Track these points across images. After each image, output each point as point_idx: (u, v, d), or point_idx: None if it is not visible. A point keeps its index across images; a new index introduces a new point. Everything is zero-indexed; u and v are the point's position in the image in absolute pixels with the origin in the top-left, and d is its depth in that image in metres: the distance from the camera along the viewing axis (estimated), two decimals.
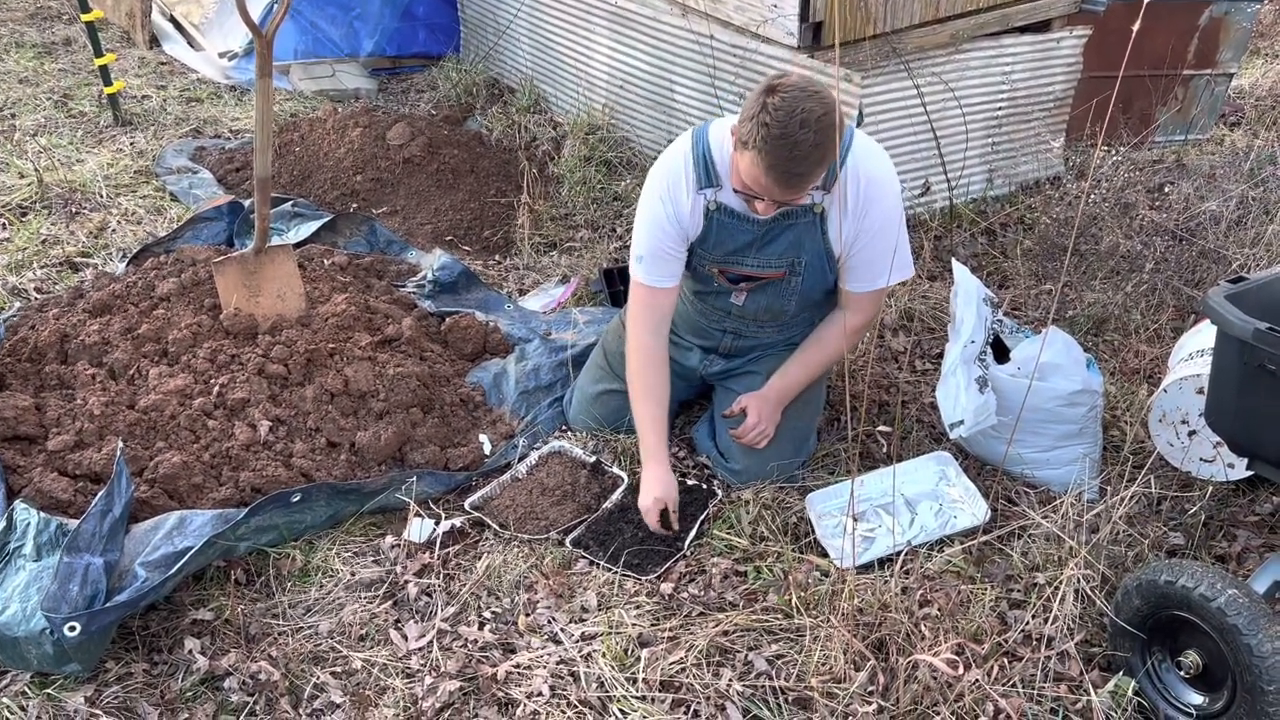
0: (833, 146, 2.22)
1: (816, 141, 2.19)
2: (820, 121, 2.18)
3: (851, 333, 2.75)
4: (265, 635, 2.32)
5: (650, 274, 2.63)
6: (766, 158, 2.23)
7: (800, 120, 2.17)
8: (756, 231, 2.58)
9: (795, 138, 2.18)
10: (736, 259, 2.65)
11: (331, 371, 2.94)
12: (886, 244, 2.54)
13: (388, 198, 4.46)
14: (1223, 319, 2.03)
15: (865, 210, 2.50)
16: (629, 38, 4.60)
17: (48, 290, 3.64)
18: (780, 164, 2.23)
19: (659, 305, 2.67)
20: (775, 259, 2.62)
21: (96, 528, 2.25)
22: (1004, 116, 4.28)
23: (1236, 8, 4.68)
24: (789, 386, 2.76)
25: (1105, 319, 3.48)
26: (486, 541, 2.61)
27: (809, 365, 2.77)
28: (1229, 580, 1.97)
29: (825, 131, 2.18)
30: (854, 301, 2.69)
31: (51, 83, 5.73)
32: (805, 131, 2.17)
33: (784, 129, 2.17)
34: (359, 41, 6.02)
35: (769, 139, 2.20)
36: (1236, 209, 3.98)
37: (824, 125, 2.18)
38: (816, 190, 2.46)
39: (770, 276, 2.67)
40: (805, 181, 2.30)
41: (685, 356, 2.95)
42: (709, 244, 2.62)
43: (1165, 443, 2.75)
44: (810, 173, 2.27)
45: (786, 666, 2.21)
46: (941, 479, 2.76)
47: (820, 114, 2.18)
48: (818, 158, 2.23)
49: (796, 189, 2.32)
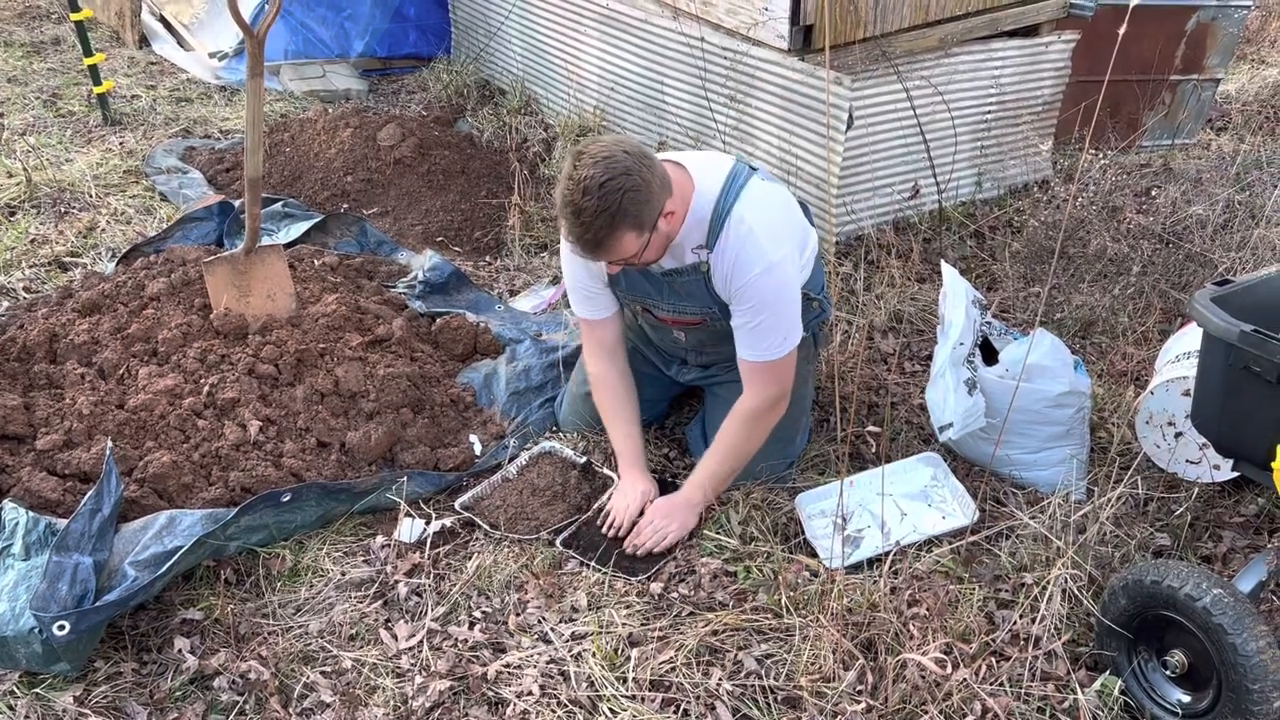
0: (623, 209, 2.19)
1: (601, 207, 2.17)
2: (605, 187, 2.16)
3: (750, 419, 2.59)
4: (255, 635, 2.32)
5: (582, 309, 2.73)
6: (564, 226, 2.29)
7: (583, 188, 2.17)
8: (656, 283, 2.58)
9: (578, 204, 2.19)
10: (651, 304, 2.68)
11: (322, 372, 2.94)
12: (755, 312, 2.46)
13: (378, 198, 4.45)
14: (1208, 321, 2.06)
15: (730, 275, 2.44)
16: (620, 40, 4.61)
17: (37, 290, 3.63)
18: (572, 230, 2.25)
19: (603, 335, 2.75)
20: (688, 310, 2.62)
21: (86, 527, 2.25)
22: (993, 120, 4.31)
23: (1224, 13, 4.72)
24: (704, 484, 2.63)
25: (1093, 321, 3.50)
26: (477, 542, 2.61)
27: (720, 463, 2.63)
28: (1214, 580, 1.99)
29: (610, 196, 2.17)
30: (746, 374, 2.57)
31: (40, 82, 5.71)
32: (587, 199, 2.17)
33: (569, 197, 2.20)
34: (350, 42, 6.02)
35: (560, 209, 2.25)
36: (1223, 213, 4.02)
37: (608, 190, 2.16)
38: (700, 249, 2.45)
39: (689, 323, 2.69)
40: (606, 245, 2.26)
41: (665, 363, 2.98)
42: (621, 288, 2.66)
43: (1152, 444, 2.77)
44: (606, 237, 2.23)
45: (776, 666, 2.22)
46: (931, 480, 2.77)
47: (604, 179, 2.16)
48: (605, 223, 2.20)
49: (602, 253, 2.29)
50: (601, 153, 2.21)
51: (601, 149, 2.22)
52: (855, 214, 4.01)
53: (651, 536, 2.56)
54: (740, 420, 2.60)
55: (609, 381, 2.77)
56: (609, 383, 2.77)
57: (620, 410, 2.76)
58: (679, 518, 2.59)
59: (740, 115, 4.08)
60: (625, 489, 2.68)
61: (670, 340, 2.86)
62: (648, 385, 2.96)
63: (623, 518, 2.61)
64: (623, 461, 2.74)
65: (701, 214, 2.43)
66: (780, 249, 2.44)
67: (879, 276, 3.75)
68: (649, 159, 2.27)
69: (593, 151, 2.22)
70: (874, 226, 4.06)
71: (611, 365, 2.77)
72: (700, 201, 2.43)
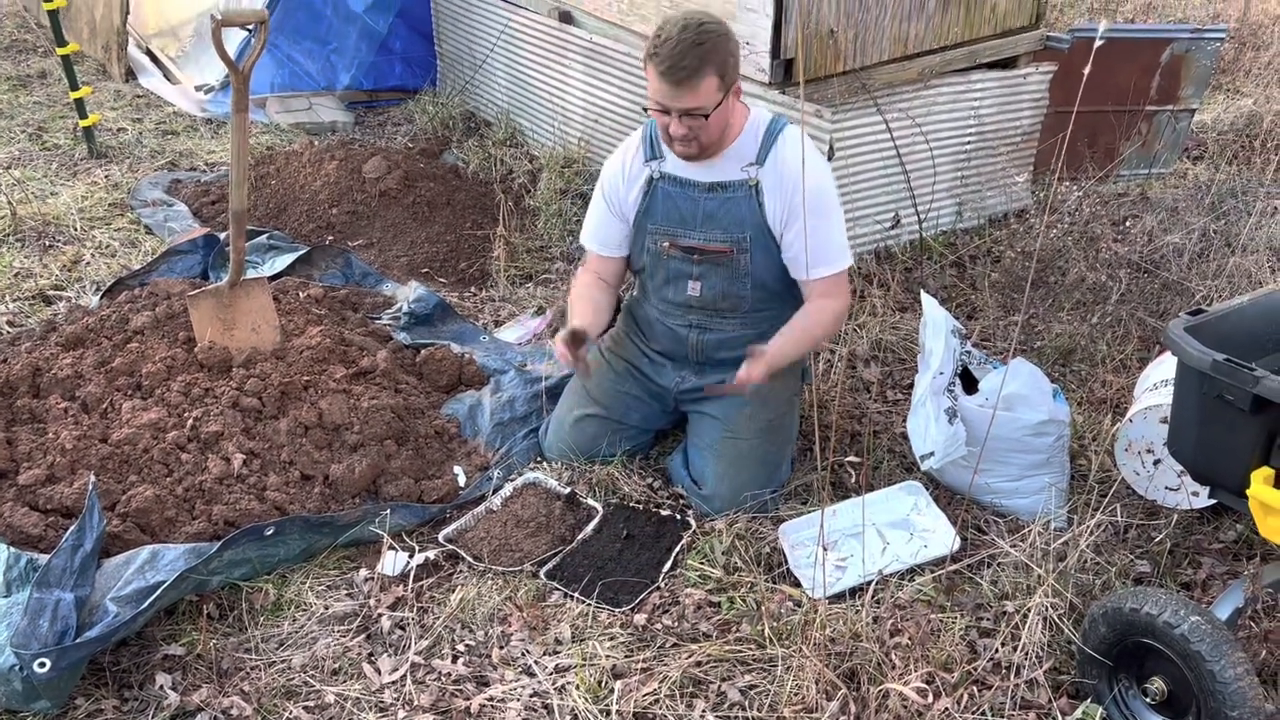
0: (715, 49, 2.47)
1: (697, 40, 2.45)
2: (703, 26, 2.47)
3: (831, 311, 2.77)
4: (238, 670, 2.31)
5: (594, 241, 2.93)
6: (653, 60, 2.50)
7: (682, 25, 2.47)
8: (697, 200, 2.76)
9: (676, 37, 2.45)
10: (682, 230, 2.80)
11: (306, 404, 2.95)
12: (820, 219, 2.65)
13: (364, 230, 4.47)
14: (1182, 350, 2.08)
15: (794, 184, 2.65)
16: (604, 73, 4.66)
17: (20, 323, 3.63)
18: (663, 60, 2.47)
19: (602, 269, 2.95)
20: (719, 233, 2.76)
21: (67, 563, 2.25)
22: (972, 151, 4.36)
23: (1198, 45, 4.80)
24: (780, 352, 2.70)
25: (1072, 349, 3.53)
26: (461, 574, 2.61)
27: (796, 337, 2.75)
28: (1192, 607, 2.01)
29: (706, 32, 2.46)
30: (817, 290, 2.76)
31: (26, 115, 5.73)
32: (686, 32, 2.45)
33: (669, 31, 2.48)
34: (336, 75, 6.06)
35: (655, 43, 2.49)
36: (1199, 241, 4.07)
37: (706, 30, 2.47)
38: (751, 166, 2.69)
39: (716, 250, 2.78)
40: (690, 80, 2.48)
41: (659, 374, 2.99)
42: (656, 214, 2.82)
43: (1131, 471, 2.79)
44: (694, 71, 2.46)
45: (759, 697, 2.22)
46: (913, 508, 2.79)
47: (702, 21, 2.48)
48: (698, 54, 2.45)
49: (685, 89, 2.49)
50: (698, 10, 2.56)
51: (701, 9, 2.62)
52: None
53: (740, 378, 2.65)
54: (819, 308, 2.76)
55: (592, 289, 2.90)
56: (592, 289, 2.90)
57: (592, 304, 2.85)
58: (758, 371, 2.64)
59: None
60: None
61: (680, 308, 2.89)
62: (635, 412, 2.98)
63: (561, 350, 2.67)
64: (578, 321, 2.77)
65: (755, 131, 2.71)
66: (826, 168, 2.78)
67: (860, 306, 3.78)
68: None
69: (688, 9, 2.57)
70: (855, 256, 4.10)
71: (601, 281, 2.93)
72: (753, 121, 2.72)
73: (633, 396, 2.97)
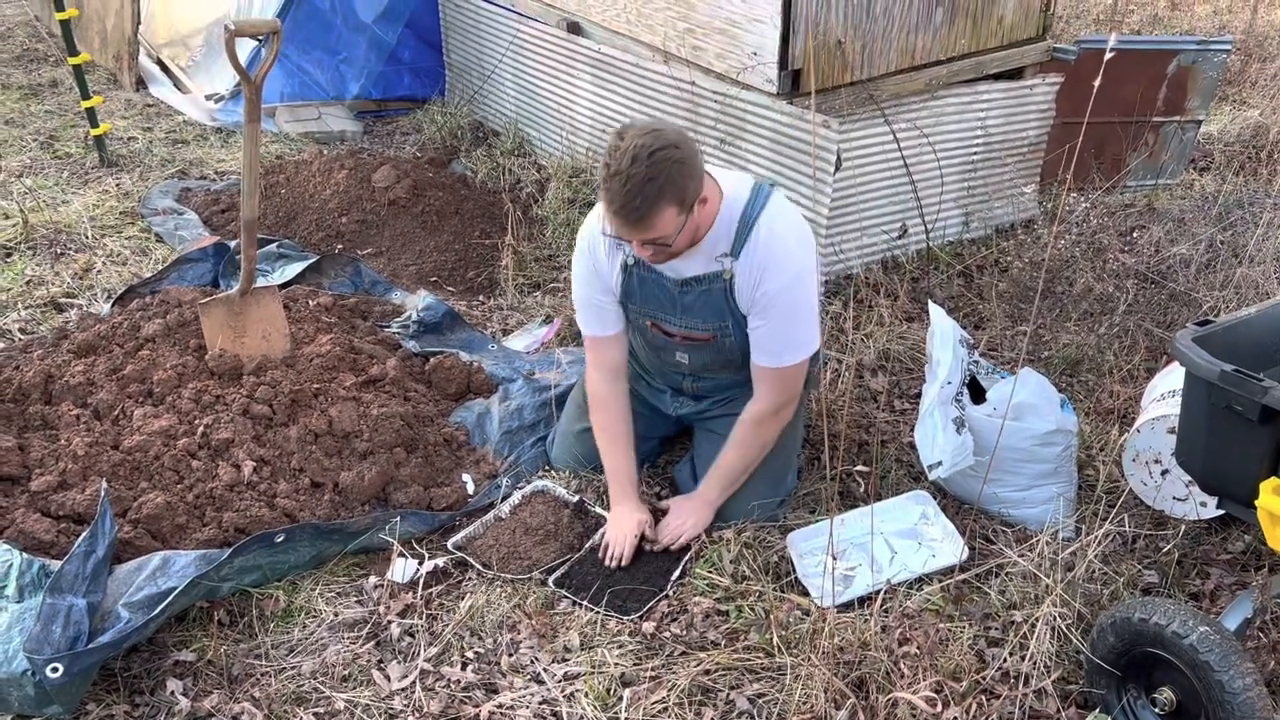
0: (670, 180, 2.24)
1: (648, 175, 2.21)
2: (654, 156, 2.21)
3: (758, 421, 2.66)
4: (248, 676, 2.32)
5: (588, 323, 2.75)
6: (605, 195, 2.30)
7: (631, 156, 2.21)
8: (672, 291, 2.61)
9: (625, 173, 2.22)
10: (662, 317, 2.69)
11: (316, 412, 2.96)
12: (782, 319, 2.52)
13: (373, 239, 4.49)
14: (1190, 361, 2.09)
15: (761, 278, 2.49)
16: (612, 83, 4.68)
17: (32, 331, 3.65)
18: (615, 199, 2.27)
19: (607, 354, 2.77)
20: (700, 323, 2.65)
21: (80, 569, 2.26)
22: (979, 161, 4.37)
23: (1204, 56, 4.81)
24: (720, 484, 2.71)
25: (1079, 360, 3.54)
26: (469, 581, 2.62)
27: (732, 465, 2.70)
28: (1200, 618, 2.01)
29: (657, 162, 2.21)
30: (758, 379, 2.64)
31: (38, 124, 5.76)
32: (636, 166, 2.21)
33: (617, 165, 2.23)
34: (345, 85, 6.10)
35: (605, 178, 2.27)
36: (1206, 252, 4.08)
37: (657, 160, 2.21)
38: (725, 257, 2.50)
39: (700, 339, 2.70)
40: (648, 219, 2.28)
41: (658, 398, 2.99)
42: (634, 299, 2.69)
43: (1139, 482, 2.80)
44: (648, 210, 2.26)
45: (768, 705, 2.22)
46: (921, 518, 2.79)
47: (654, 148, 2.22)
48: (651, 190, 2.23)
49: (641, 227, 2.31)
50: (650, 126, 2.29)
51: (649, 124, 2.31)
52: (844, 254, 4.06)
53: (668, 535, 2.64)
54: (751, 422, 2.66)
55: (611, 405, 2.78)
56: (610, 406, 2.78)
57: (618, 435, 2.77)
58: (695, 514, 2.67)
59: (731, 157, 4.14)
60: (620, 519, 2.69)
61: (672, 363, 2.86)
62: (640, 422, 2.97)
63: (622, 548, 2.63)
64: (616, 489, 2.75)
65: (729, 219, 2.49)
66: (806, 258, 2.53)
67: (868, 315, 3.79)
68: (691, 142, 2.34)
69: (640, 125, 2.29)
70: (862, 266, 4.11)
71: (614, 388, 2.78)
72: (727, 207, 2.48)
73: (635, 411, 2.93)
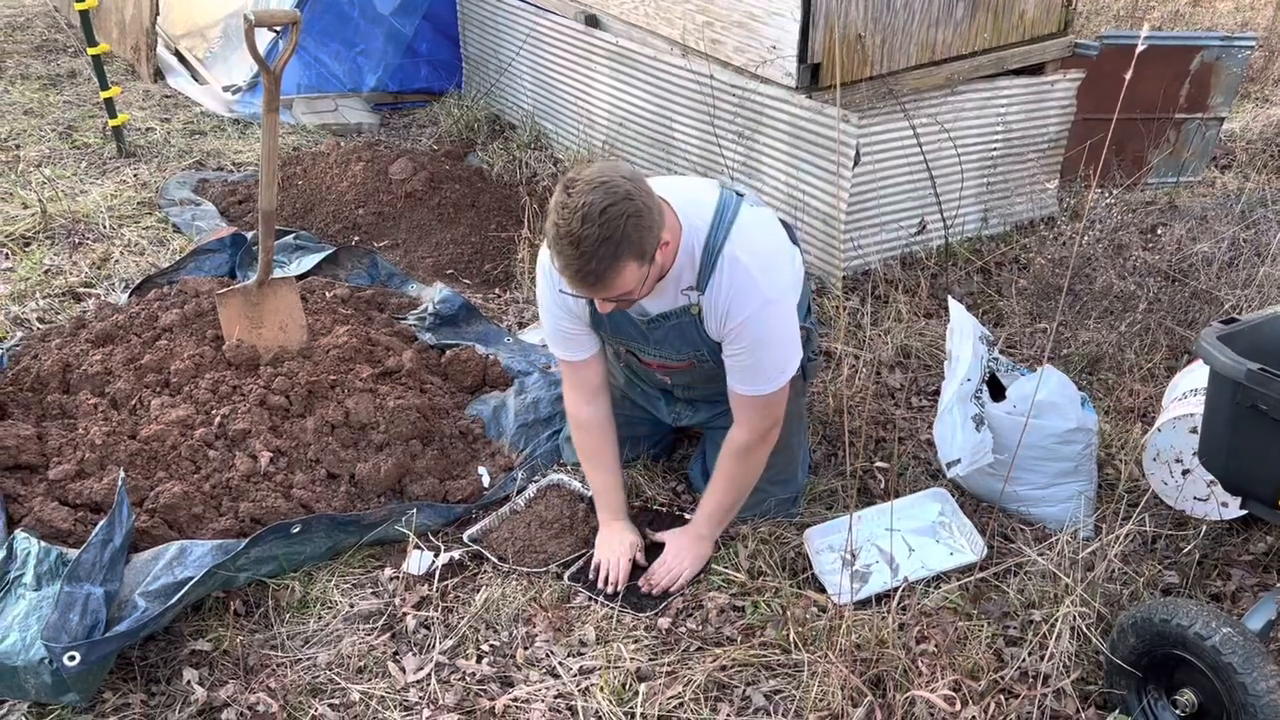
0: (626, 237, 2.06)
1: (603, 235, 2.03)
2: (605, 213, 2.02)
3: (743, 454, 2.53)
4: (264, 666, 2.32)
5: (562, 351, 2.60)
6: (558, 260, 2.11)
7: (583, 216, 2.02)
8: (641, 326, 2.49)
9: (578, 234, 2.03)
10: (636, 348, 2.60)
11: (332, 403, 2.96)
12: (756, 347, 2.39)
13: (389, 231, 4.49)
14: (1215, 360, 2.07)
15: (726, 315, 2.34)
16: (629, 76, 4.66)
17: (50, 320, 3.66)
18: (570, 264, 2.09)
19: (585, 377, 2.63)
20: (674, 354, 2.55)
21: (97, 557, 2.26)
22: (999, 157, 4.34)
23: (1227, 53, 4.77)
24: (711, 519, 2.62)
25: (1099, 358, 3.51)
26: (485, 574, 2.62)
27: (723, 498, 2.60)
28: (1224, 619, 1.99)
29: (613, 223, 2.03)
30: (737, 407, 2.50)
31: (56, 114, 5.79)
32: (588, 227, 2.02)
33: (567, 226, 2.04)
34: (362, 77, 6.10)
35: (555, 240, 2.08)
36: (1228, 250, 4.04)
37: (610, 216, 2.03)
38: (691, 290, 2.35)
39: (677, 366, 2.62)
40: (607, 279, 2.11)
41: (654, 405, 2.92)
42: (604, 329, 2.56)
43: (1160, 481, 2.77)
44: (608, 269, 2.08)
45: (784, 702, 2.21)
46: (939, 515, 2.77)
47: (605, 205, 2.02)
48: (608, 250, 2.05)
49: (601, 288, 2.14)
50: (598, 178, 2.06)
51: (596, 174, 2.08)
52: (862, 249, 4.03)
53: (666, 577, 2.56)
54: (734, 454, 2.55)
55: (590, 426, 2.66)
56: (590, 427, 2.66)
57: (600, 456, 2.67)
58: (691, 553, 2.59)
59: (748, 151, 4.12)
60: (610, 541, 2.63)
61: (656, 380, 2.80)
62: (642, 425, 2.95)
63: (616, 573, 2.57)
64: (604, 511, 2.68)
65: (690, 253, 2.32)
66: (776, 284, 2.37)
67: (886, 311, 3.77)
68: (644, 183, 2.15)
69: (587, 177, 2.07)
70: (881, 262, 4.09)
71: (594, 408, 2.65)
72: (689, 239, 2.31)
73: (634, 416, 2.91)
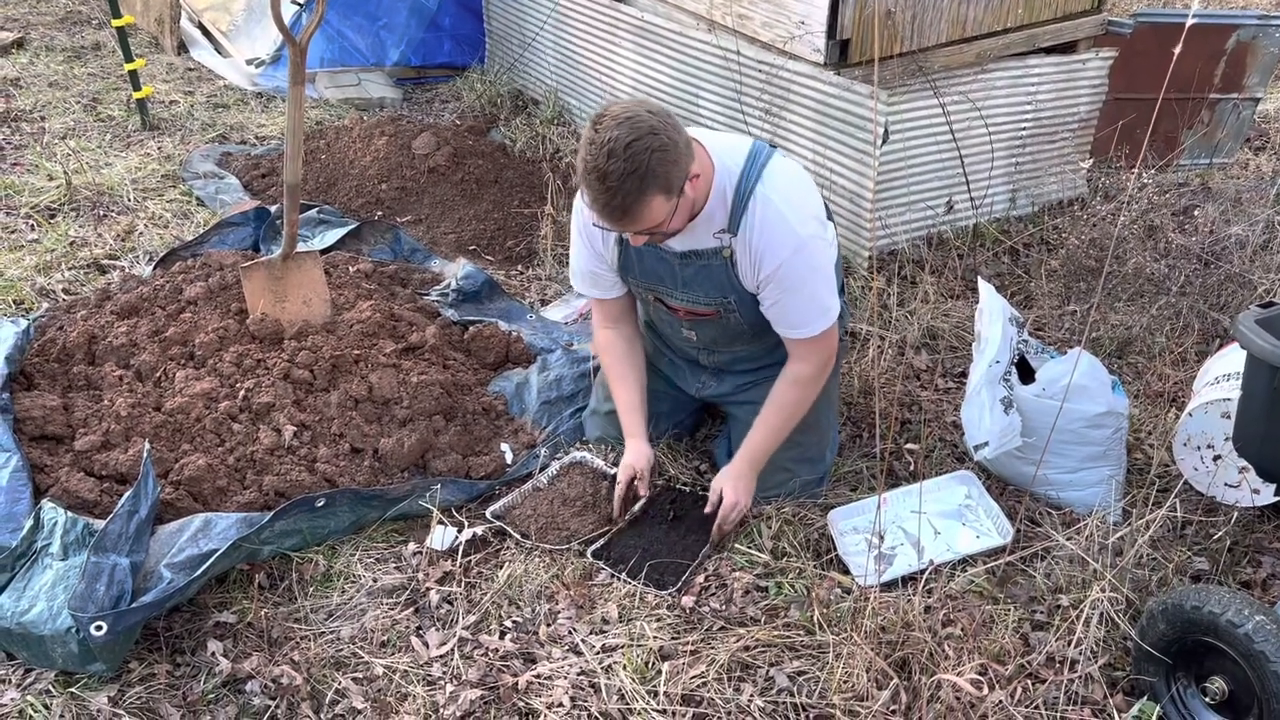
0: (651, 170, 2.09)
1: (628, 169, 2.07)
2: (630, 148, 2.06)
3: (800, 382, 2.57)
4: (287, 639, 2.33)
5: (588, 289, 2.72)
6: (587, 193, 2.17)
7: (608, 151, 2.07)
8: (672, 264, 2.51)
9: (604, 169, 2.08)
10: (664, 289, 2.60)
11: (356, 378, 2.96)
12: (791, 292, 2.42)
13: (412, 206, 4.48)
14: (1253, 344, 2.03)
15: (760, 259, 2.38)
16: (654, 52, 4.62)
17: (75, 292, 3.67)
18: (598, 198, 2.14)
19: (611, 308, 2.75)
20: (702, 298, 2.55)
21: (123, 528, 2.27)
22: (1028, 136, 4.28)
23: (1265, 32, 4.67)
24: (756, 454, 2.62)
25: (1130, 341, 3.46)
26: (508, 551, 2.61)
27: (772, 429, 2.60)
28: (1256, 606, 1.96)
29: (638, 157, 2.07)
30: (791, 349, 2.56)
31: (81, 86, 5.79)
32: (614, 161, 2.07)
33: (594, 161, 2.09)
34: (385, 51, 6.07)
35: (584, 175, 2.14)
36: (1263, 233, 3.97)
37: (635, 151, 2.07)
38: (723, 233, 2.39)
39: (703, 313, 2.62)
40: (634, 212, 2.15)
41: (679, 375, 2.92)
42: (633, 272, 2.60)
43: (1190, 467, 2.73)
44: (634, 203, 2.13)
45: (808, 683, 2.20)
46: (965, 498, 2.75)
47: (630, 139, 2.07)
48: (633, 184, 2.09)
49: (629, 221, 2.19)
50: (624, 113, 2.11)
51: (623, 109, 2.13)
52: (889, 228, 3.99)
53: (732, 512, 2.58)
54: (791, 381, 2.57)
55: (615, 347, 2.75)
56: (614, 347, 2.75)
57: (625, 375, 2.74)
58: (745, 486, 2.61)
59: (775, 128, 4.08)
60: (637, 454, 2.68)
61: (681, 339, 2.81)
62: (666, 401, 2.93)
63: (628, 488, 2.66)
64: (627, 424, 2.73)
65: (723, 194, 2.35)
66: (808, 225, 2.39)
67: (913, 292, 3.73)
68: (672, 118, 2.17)
69: (614, 113, 2.11)
70: (908, 241, 4.05)
71: (618, 331, 2.75)
72: (721, 181, 2.35)
73: (656, 390, 2.88)
